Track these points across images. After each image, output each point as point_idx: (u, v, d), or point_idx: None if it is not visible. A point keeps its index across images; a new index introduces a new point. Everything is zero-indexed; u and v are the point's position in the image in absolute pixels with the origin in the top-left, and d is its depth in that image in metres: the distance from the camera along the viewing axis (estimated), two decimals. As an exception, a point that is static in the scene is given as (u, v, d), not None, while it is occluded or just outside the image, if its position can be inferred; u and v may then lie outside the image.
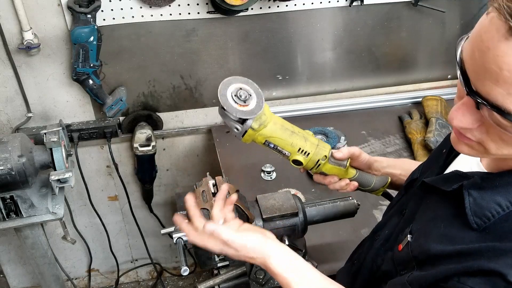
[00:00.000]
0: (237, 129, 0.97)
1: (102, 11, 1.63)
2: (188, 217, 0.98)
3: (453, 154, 0.87)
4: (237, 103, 0.95)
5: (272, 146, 0.99)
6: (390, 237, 0.93)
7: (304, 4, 1.79)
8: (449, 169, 0.86)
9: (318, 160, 1.03)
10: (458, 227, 0.72)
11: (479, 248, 0.67)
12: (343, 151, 1.06)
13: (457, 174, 0.78)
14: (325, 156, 1.03)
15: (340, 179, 1.10)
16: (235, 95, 0.95)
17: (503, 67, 0.56)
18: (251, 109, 0.95)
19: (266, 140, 0.98)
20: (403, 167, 1.16)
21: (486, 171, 0.76)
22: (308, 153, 1.01)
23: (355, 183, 1.11)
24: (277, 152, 1.01)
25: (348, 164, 1.08)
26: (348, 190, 1.11)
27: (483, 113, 0.62)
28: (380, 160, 1.15)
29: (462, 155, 0.85)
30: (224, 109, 0.95)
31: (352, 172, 1.10)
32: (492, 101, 0.59)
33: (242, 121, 0.96)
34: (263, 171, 1.69)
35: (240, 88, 0.96)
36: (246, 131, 0.97)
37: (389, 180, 1.13)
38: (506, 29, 0.55)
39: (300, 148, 1.00)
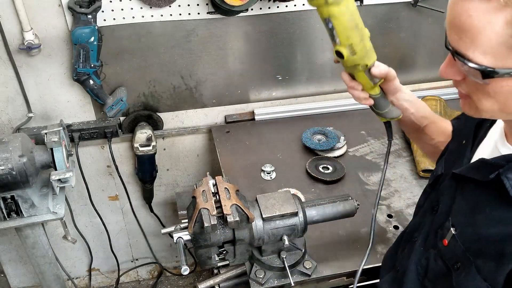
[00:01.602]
0: None
1: (102, 11, 1.64)
2: None
3: (476, 143, 0.90)
4: None
5: (330, 26, 0.93)
6: (428, 236, 0.94)
7: (304, 4, 1.79)
8: (475, 158, 0.89)
9: (359, 64, 0.99)
10: (504, 209, 0.75)
11: None
12: (381, 69, 1.03)
13: (485, 161, 0.80)
14: (366, 65, 1.00)
15: (362, 90, 1.07)
16: None
17: (458, 17, 0.67)
18: None
19: (327, 18, 0.92)
20: (418, 108, 1.18)
21: None
22: (355, 53, 0.96)
23: (371, 101, 1.09)
24: (330, 35, 0.95)
25: (379, 83, 1.06)
26: (363, 103, 1.09)
27: (457, 63, 0.72)
28: (405, 92, 1.14)
29: (485, 142, 0.88)
30: None
31: (377, 90, 1.07)
32: (457, 49, 0.70)
33: None
34: (263, 171, 1.70)
35: None
36: None
37: (401, 116, 1.12)
38: None
39: (352, 44, 0.95)
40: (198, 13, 1.72)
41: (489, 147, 0.86)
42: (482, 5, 0.63)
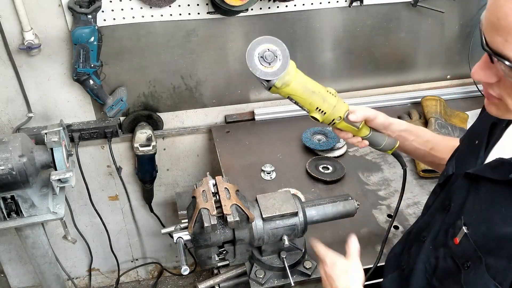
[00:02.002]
0: (264, 84, 1.06)
1: (102, 11, 1.64)
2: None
3: (491, 143, 0.90)
4: (262, 65, 1.03)
5: (293, 101, 1.09)
6: (438, 234, 0.94)
7: (304, 4, 1.79)
8: (490, 158, 0.88)
9: (333, 119, 1.11)
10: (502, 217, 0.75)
11: None
12: (357, 115, 1.12)
13: (503, 161, 0.80)
14: (340, 117, 1.11)
15: (353, 136, 1.17)
16: (261, 57, 1.02)
17: (500, 17, 0.64)
18: (274, 71, 1.03)
19: (288, 96, 1.08)
20: (418, 133, 1.23)
21: None
22: (325, 113, 1.09)
23: (366, 142, 1.18)
24: (300, 107, 1.10)
25: (361, 126, 1.15)
26: (360, 146, 1.19)
27: (497, 66, 0.69)
28: (397, 123, 1.21)
29: (501, 142, 0.88)
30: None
31: (366, 131, 1.17)
32: (497, 50, 0.67)
33: (268, 80, 1.05)
34: (263, 171, 1.70)
35: (268, 49, 1.03)
36: (270, 87, 1.06)
37: (397, 144, 1.19)
38: None
39: (317, 107, 1.08)
40: (198, 13, 1.72)
41: (508, 147, 0.86)
42: None
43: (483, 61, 0.74)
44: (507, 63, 0.66)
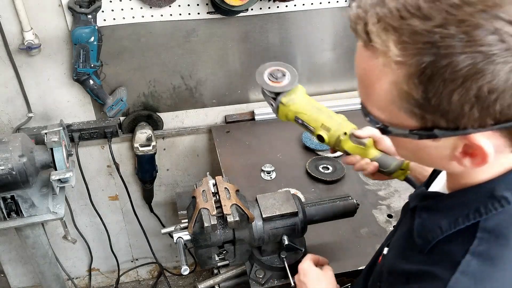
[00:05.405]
0: (272, 104, 1.10)
1: (102, 11, 1.64)
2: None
3: (437, 172, 0.86)
4: (270, 80, 1.09)
5: (300, 121, 1.10)
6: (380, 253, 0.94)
7: (303, 4, 1.79)
8: (431, 187, 0.85)
9: (339, 135, 1.08)
10: (412, 246, 0.72)
11: (421, 271, 0.67)
12: (364, 130, 1.08)
13: (422, 193, 0.78)
14: (345, 133, 1.08)
15: (361, 158, 1.11)
16: (270, 74, 1.09)
17: (356, 67, 0.64)
18: (281, 86, 1.08)
19: (296, 116, 1.09)
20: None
21: (446, 192, 0.74)
22: (330, 129, 1.08)
23: (376, 164, 1.10)
24: (305, 128, 1.11)
25: (369, 144, 1.09)
26: (369, 170, 1.10)
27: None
28: None
29: (441, 174, 0.84)
30: (262, 88, 1.10)
31: (374, 152, 1.10)
32: (361, 100, 0.66)
33: (275, 97, 1.09)
34: (263, 171, 1.70)
35: (278, 69, 1.10)
36: (278, 106, 1.09)
37: (405, 162, 1.11)
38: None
39: (322, 124, 1.08)
40: (198, 13, 1.72)
41: (440, 180, 0.82)
42: (371, 61, 0.59)
43: None
44: (365, 112, 0.64)
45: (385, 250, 0.83)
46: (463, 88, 0.52)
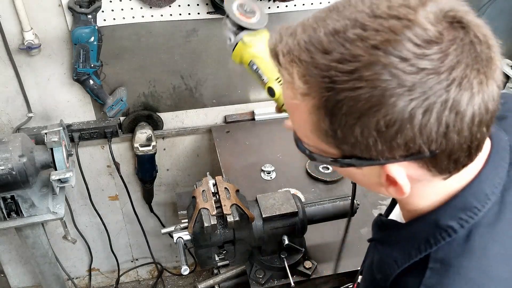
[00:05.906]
0: (230, 39, 0.99)
1: (102, 11, 1.64)
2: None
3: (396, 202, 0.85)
4: (239, 12, 0.98)
5: (254, 68, 1.00)
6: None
7: (304, 4, 1.79)
8: (392, 213, 0.84)
9: None
10: (377, 280, 0.71)
11: None
12: None
13: (377, 222, 0.77)
14: None
15: None
16: (240, 5, 0.98)
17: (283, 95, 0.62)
18: (249, 22, 0.98)
19: (251, 60, 0.99)
20: None
21: (402, 219, 0.73)
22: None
23: None
24: (257, 77, 1.01)
25: None
26: None
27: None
28: None
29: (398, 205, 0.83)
30: (227, 16, 0.98)
31: None
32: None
33: (236, 32, 0.98)
34: (263, 171, 1.70)
35: (250, 4, 0.99)
36: (237, 43, 0.98)
37: None
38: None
39: (278, 77, 0.99)
40: (198, 13, 1.72)
41: (397, 208, 0.81)
42: (289, 91, 0.59)
43: None
44: (296, 139, 0.64)
45: (359, 279, 0.82)
46: (362, 122, 0.52)
